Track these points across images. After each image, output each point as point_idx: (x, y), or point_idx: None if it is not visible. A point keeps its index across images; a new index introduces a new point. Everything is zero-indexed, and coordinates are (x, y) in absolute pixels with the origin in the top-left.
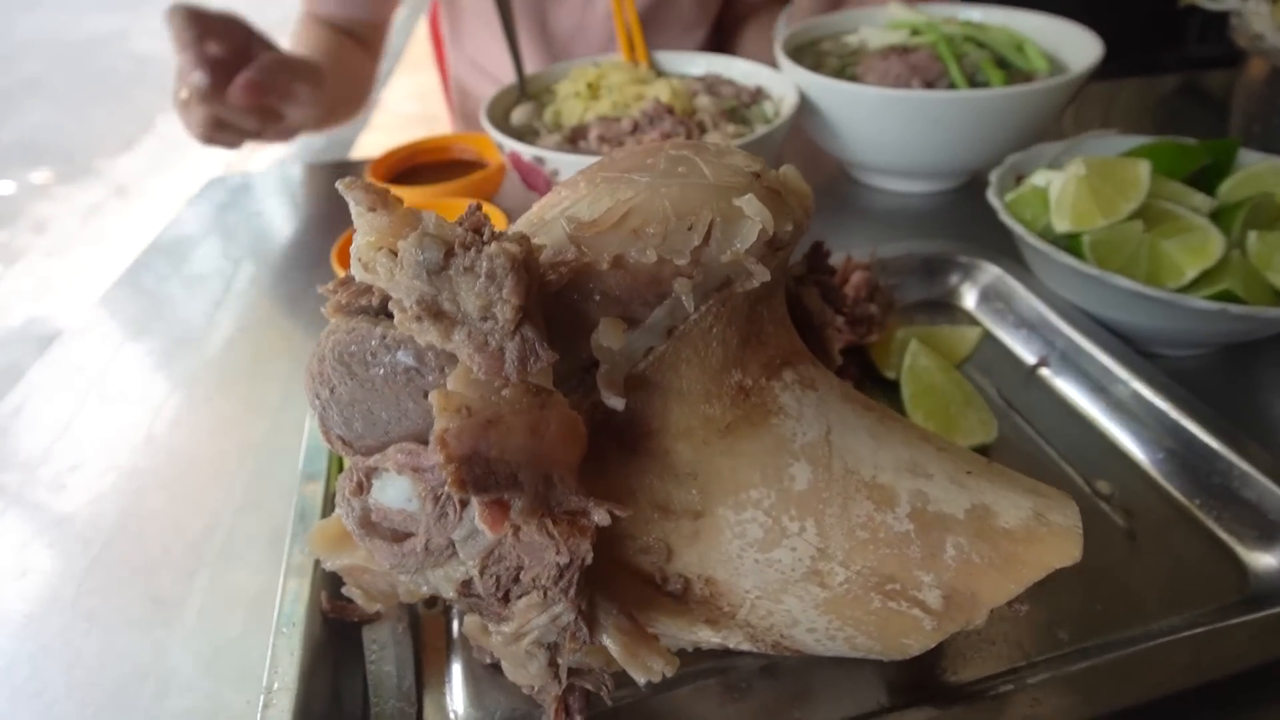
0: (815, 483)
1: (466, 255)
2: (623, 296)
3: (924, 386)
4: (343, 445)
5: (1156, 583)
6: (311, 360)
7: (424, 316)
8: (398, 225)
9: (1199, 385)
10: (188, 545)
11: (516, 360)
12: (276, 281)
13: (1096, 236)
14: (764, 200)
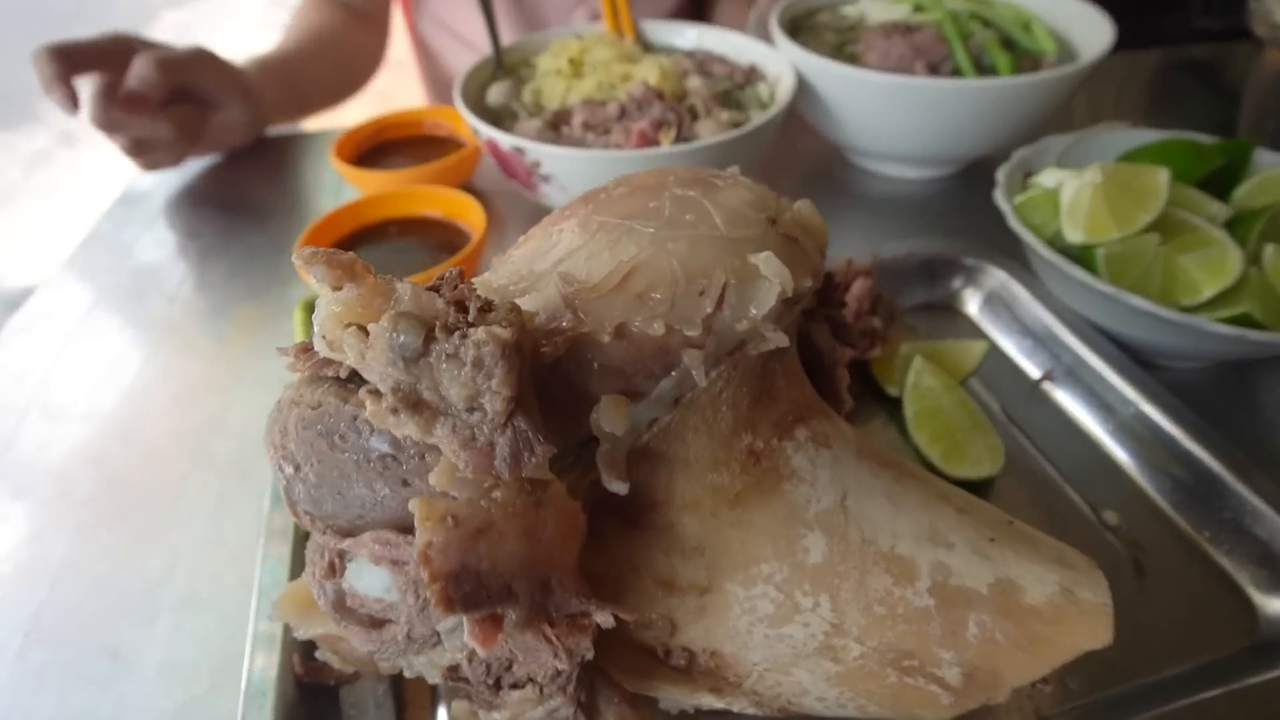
0: (831, 555)
1: (449, 340)
2: (625, 369)
3: (928, 407)
4: (311, 522)
5: (1166, 623)
6: (272, 427)
7: (401, 409)
8: (368, 298)
9: (1203, 399)
10: (145, 587)
11: (508, 456)
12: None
13: (1111, 250)
14: (781, 252)
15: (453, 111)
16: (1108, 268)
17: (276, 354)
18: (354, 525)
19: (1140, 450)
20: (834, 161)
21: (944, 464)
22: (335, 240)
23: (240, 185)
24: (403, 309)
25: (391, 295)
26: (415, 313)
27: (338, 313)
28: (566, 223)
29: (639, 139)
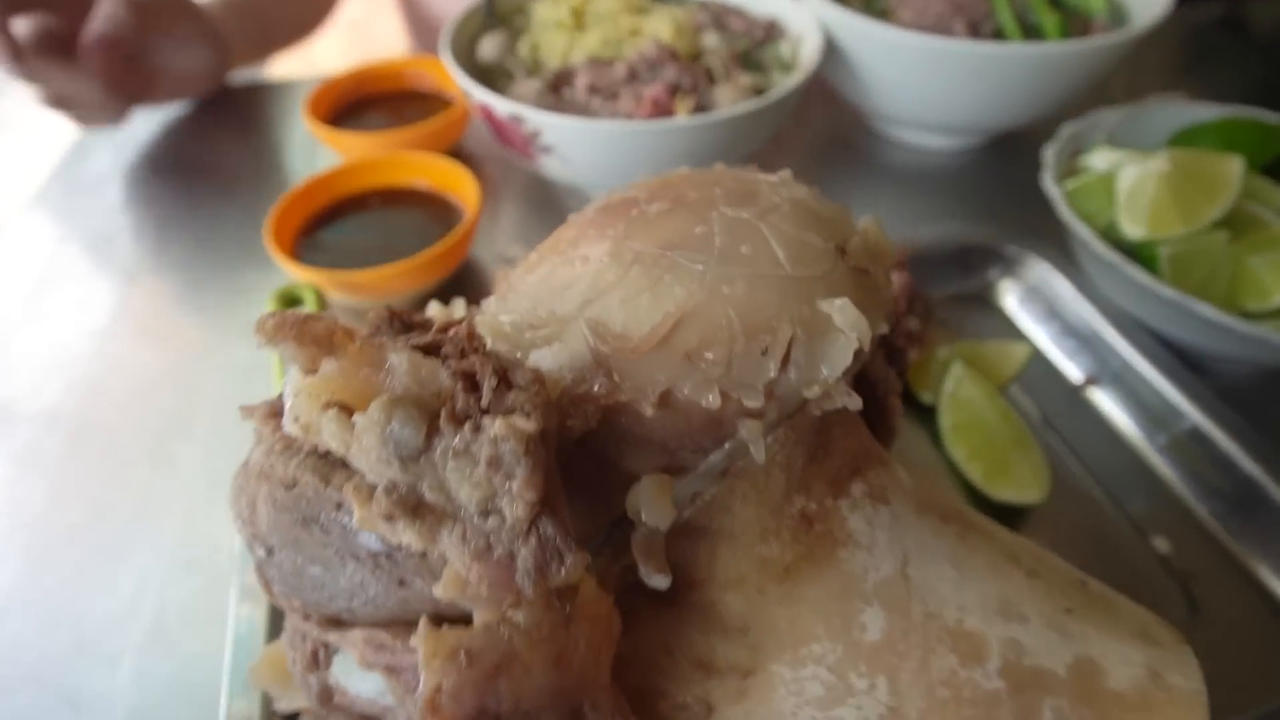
0: (890, 632)
1: (458, 435)
2: (668, 443)
3: (969, 419)
4: (288, 606)
5: (1222, 666)
6: (238, 496)
7: (397, 514)
8: (352, 370)
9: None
10: (106, 621)
11: (533, 569)
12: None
13: (1176, 249)
14: (854, 292)
15: (438, 63)
16: (1171, 269)
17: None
18: (339, 615)
19: (1193, 468)
20: (854, 127)
21: (985, 483)
22: (311, 215)
23: (202, 145)
24: (398, 393)
25: (382, 366)
26: (414, 397)
27: (314, 389)
28: (592, 247)
29: (652, 107)
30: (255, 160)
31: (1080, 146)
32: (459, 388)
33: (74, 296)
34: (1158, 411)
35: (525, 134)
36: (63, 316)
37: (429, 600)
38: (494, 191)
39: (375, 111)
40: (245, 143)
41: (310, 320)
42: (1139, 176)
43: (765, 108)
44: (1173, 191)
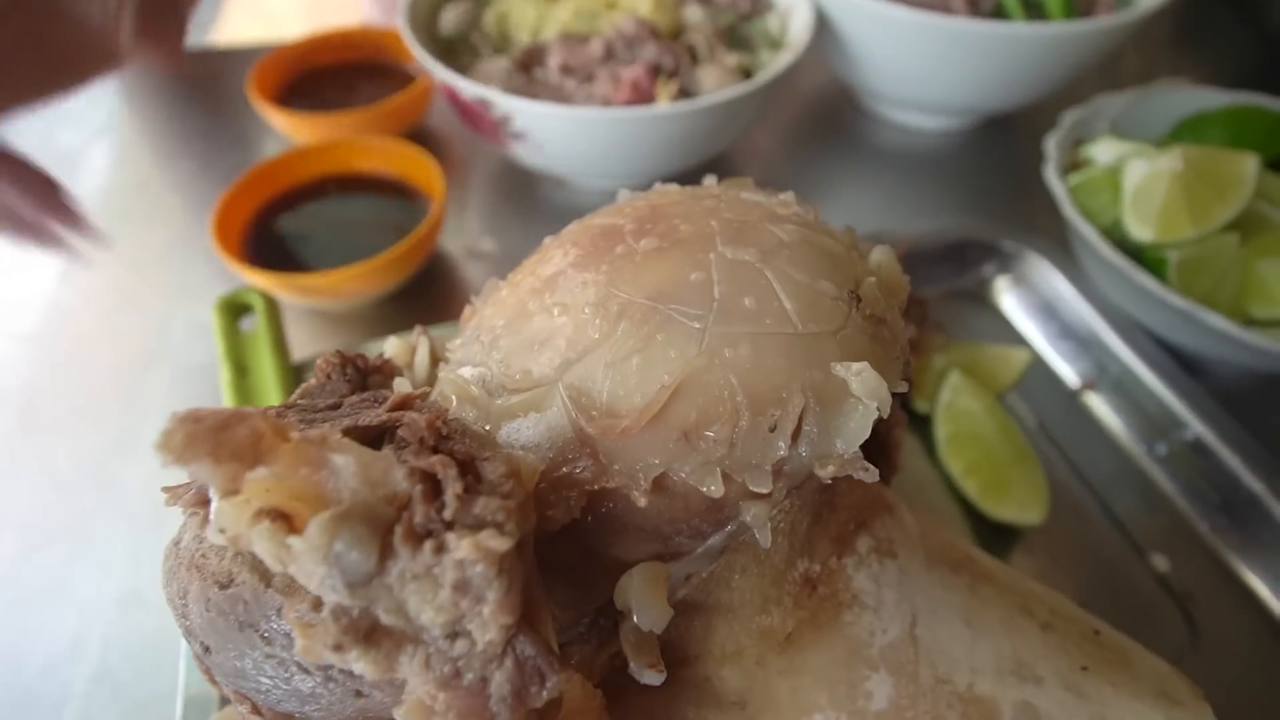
0: (898, 700)
1: (417, 557)
2: (663, 529)
3: (966, 431)
4: (235, 697)
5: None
6: (170, 580)
7: (347, 643)
8: (286, 475)
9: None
10: (46, 665)
11: (509, 695)
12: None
13: (1185, 254)
14: (869, 346)
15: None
16: (1180, 276)
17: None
18: (291, 714)
19: (1194, 482)
20: (843, 105)
21: (982, 500)
22: (261, 205)
23: (138, 120)
24: (344, 507)
25: (324, 466)
26: (362, 510)
27: (238, 501)
28: (572, 291)
29: (631, 91)
30: (199, 138)
31: (1082, 135)
32: (418, 493)
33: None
34: (1158, 420)
35: (494, 119)
36: None
37: (389, 709)
38: (461, 177)
39: (328, 87)
40: (187, 119)
41: (229, 426)
42: (1148, 174)
43: (752, 93)
44: (1185, 192)
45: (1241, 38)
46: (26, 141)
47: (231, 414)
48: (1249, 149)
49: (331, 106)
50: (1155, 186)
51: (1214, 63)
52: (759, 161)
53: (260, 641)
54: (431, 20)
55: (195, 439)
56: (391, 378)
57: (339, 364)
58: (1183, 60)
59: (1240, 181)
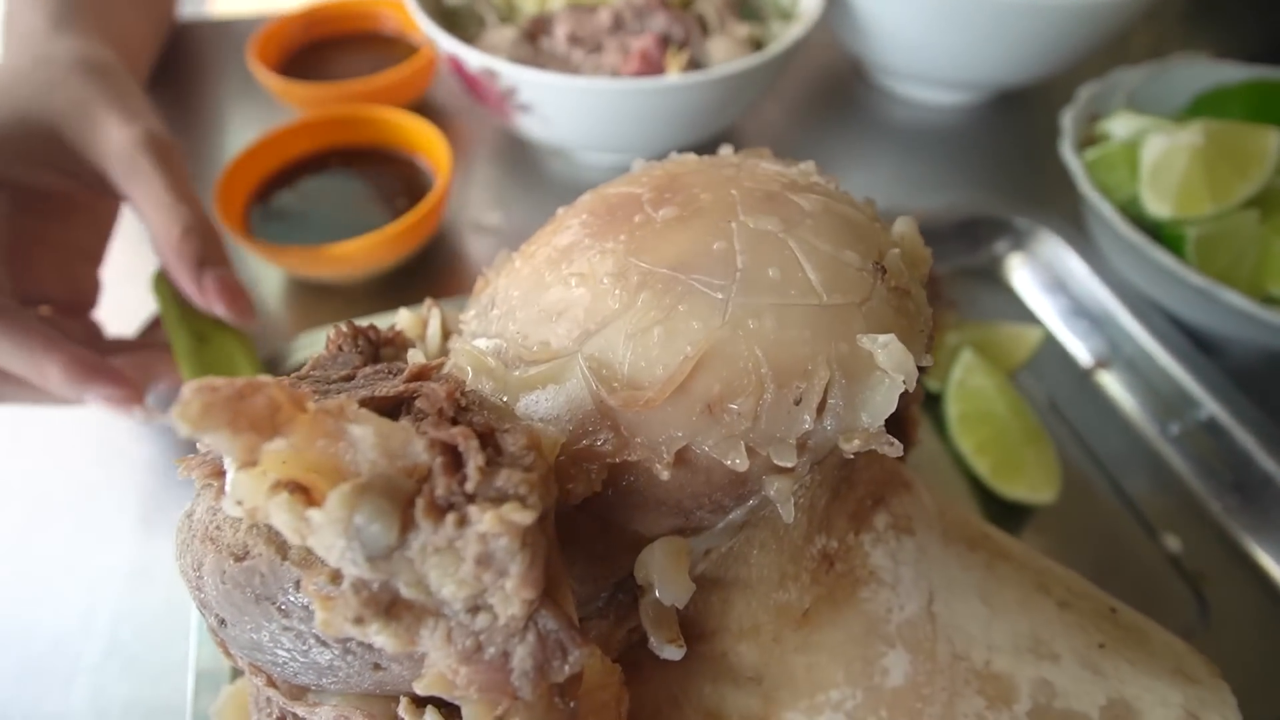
0: (915, 676)
1: (439, 530)
2: (684, 503)
3: (978, 411)
4: (251, 670)
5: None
6: (183, 553)
7: (367, 617)
8: (304, 446)
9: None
10: (55, 640)
11: (532, 669)
12: None
13: (1204, 230)
14: (895, 319)
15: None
16: (1198, 253)
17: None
18: (307, 686)
19: (1207, 462)
20: (853, 79)
21: (994, 478)
22: (264, 178)
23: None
24: (364, 479)
25: (341, 437)
26: (382, 483)
27: (257, 473)
28: (589, 260)
29: (640, 62)
30: (198, 112)
31: (1098, 110)
32: (438, 465)
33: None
34: (1171, 400)
35: (500, 90)
36: None
37: (408, 682)
38: (466, 150)
39: (331, 57)
40: (186, 91)
41: (246, 396)
42: (1167, 149)
43: (764, 65)
44: (1205, 167)
45: (1256, 11)
46: None
47: (247, 383)
48: (1270, 124)
49: (334, 77)
50: (1174, 161)
51: (1229, 37)
52: (768, 136)
53: (277, 614)
54: None
55: (212, 409)
56: (404, 350)
57: (350, 335)
58: (1198, 34)
59: (1262, 157)
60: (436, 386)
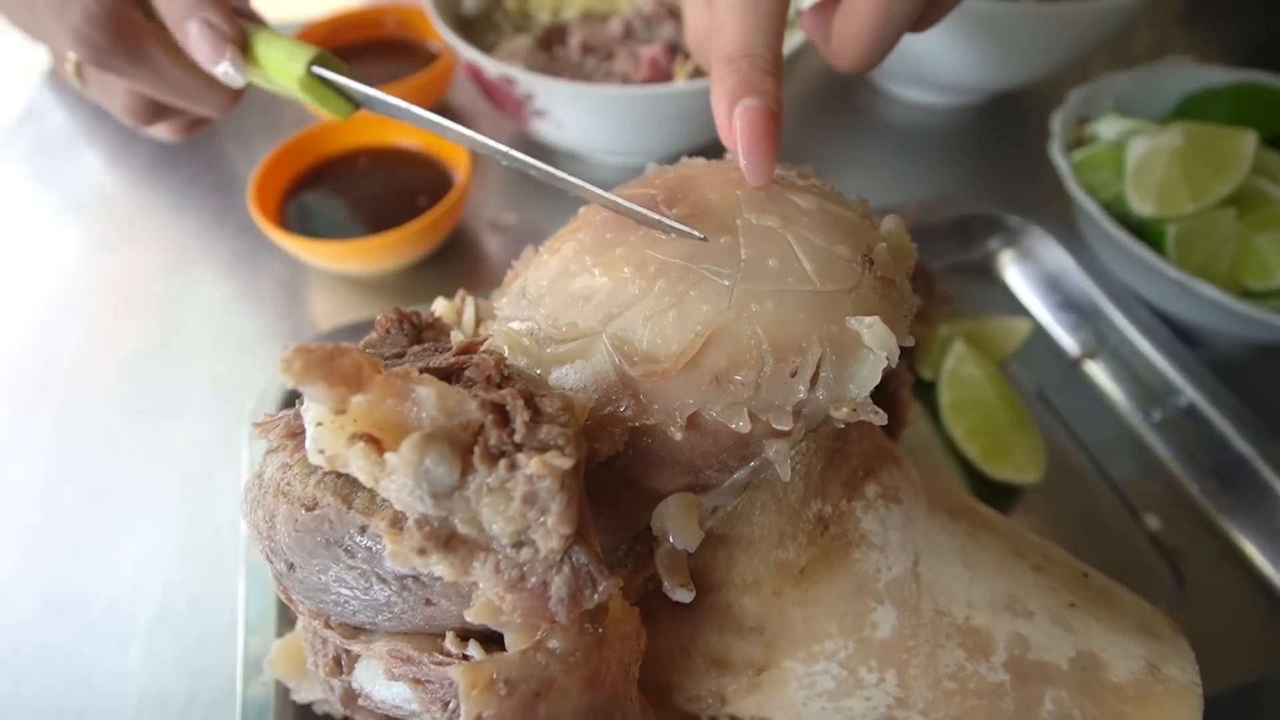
0: (901, 629)
1: (493, 473)
2: (695, 462)
3: (968, 397)
4: (310, 615)
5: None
6: (255, 509)
7: (430, 548)
8: (377, 404)
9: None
10: (111, 605)
11: (566, 598)
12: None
13: (1183, 227)
14: (880, 304)
15: (420, 11)
16: (1178, 248)
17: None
18: (363, 625)
19: (1187, 446)
20: (853, 82)
21: (983, 462)
22: (297, 174)
23: None
24: (430, 430)
25: (408, 398)
26: (446, 434)
27: (340, 422)
28: (611, 252)
29: (649, 69)
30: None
31: (1088, 112)
32: (489, 421)
33: (47, 267)
34: (1153, 387)
35: (517, 97)
36: (37, 289)
37: (456, 617)
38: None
39: (355, 63)
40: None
41: (338, 357)
42: (1150, 150)
43: None
44: (1184, 167)
45: (1251, 16)
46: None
47: (335, 347)
48: (1251, 126)
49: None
50: (1156, 162)
51: (1224, 40)
52: None
53: (344, 555)
54: (456, 1)
55: (311, 365)
56: (443, 333)
57: (397, 320)
58: (1193, 38)
59: (1238, 158)
60: (485, 356)
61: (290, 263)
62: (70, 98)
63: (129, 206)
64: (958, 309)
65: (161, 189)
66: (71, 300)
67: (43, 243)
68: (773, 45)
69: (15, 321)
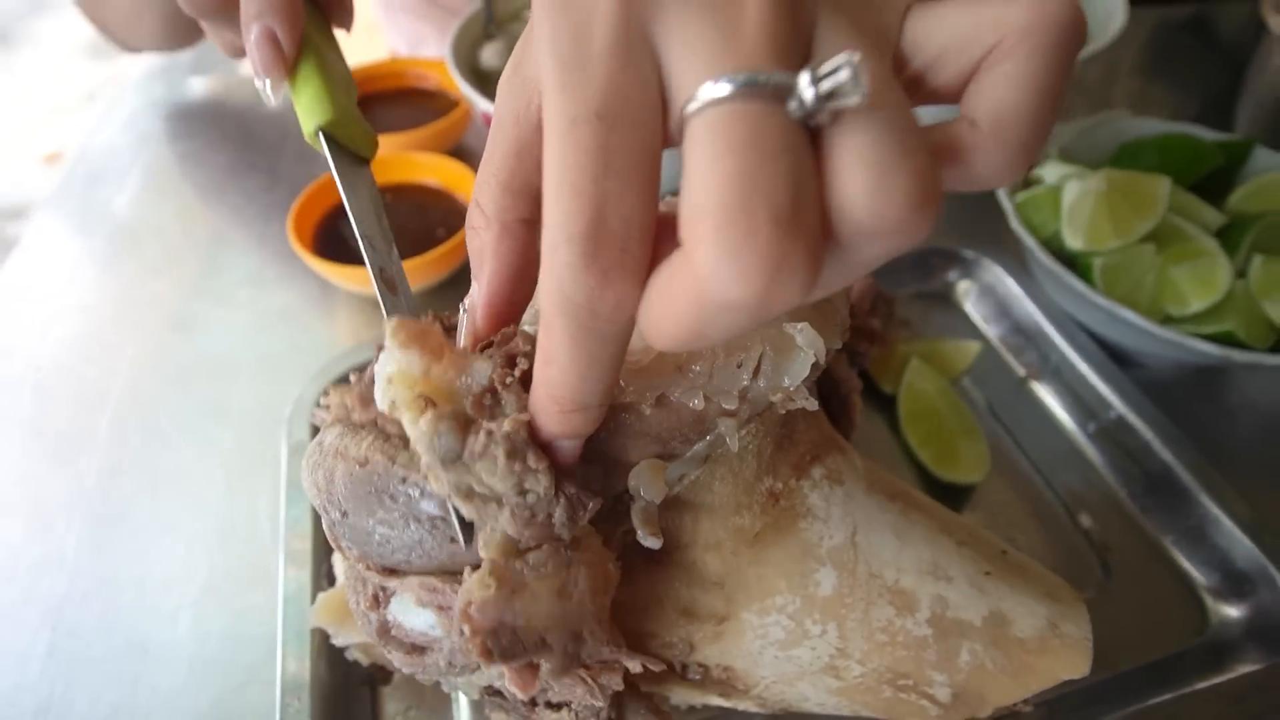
0: (840, 588)
1: (478, 439)
2: (662, 435)
3: (921, 409)
4: (355, 558)
5: (1127, 621)
6: (315, 470)
7: (460, 500)
8: (440, 373)
9: (1180, 398)
10: (163, 581)
11: (567, 520)
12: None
13: (1108, 260)
14: (813, 316)
15: (439, 64)
16: (1103, 278)
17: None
18: (398, 565)
19: (1117, 455)
20: None
21: (934, 466)
22: (330, 208)
23: (214, 139)
24: (443, 410)
25: (465, 370)
26: (452, 413)
27: (410, 380)
28: None
29: None
30: (266, 155)
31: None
32: (485, 392)
33: (104, 289)
34: (1089, 403)
35: None
36: (95, 307)
37: (475, 555)
38: None
39: (379, 110)
40: (265, 139)
41: (429, 331)
42: (1080, 193)
43: None
44: (1109, 208)
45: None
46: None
47: (424, 324)
48: (1175, 172)
49: (384, 128)
50: (1084, 203)
51: (1174, 86)
52: None
53: (388, 500)
54: (473, 56)
55: (415, 337)
56: None
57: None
58: (1146, 83)
59: (1155, 200)
60: (519, 339)
61: (321, 285)
62: (123, 134)
63: (176, 235)
64: (917, 332)
65: (206, 218)
66: (126, 317)
67: (99, 267)
68: (610, 391)
69: (77, 336)
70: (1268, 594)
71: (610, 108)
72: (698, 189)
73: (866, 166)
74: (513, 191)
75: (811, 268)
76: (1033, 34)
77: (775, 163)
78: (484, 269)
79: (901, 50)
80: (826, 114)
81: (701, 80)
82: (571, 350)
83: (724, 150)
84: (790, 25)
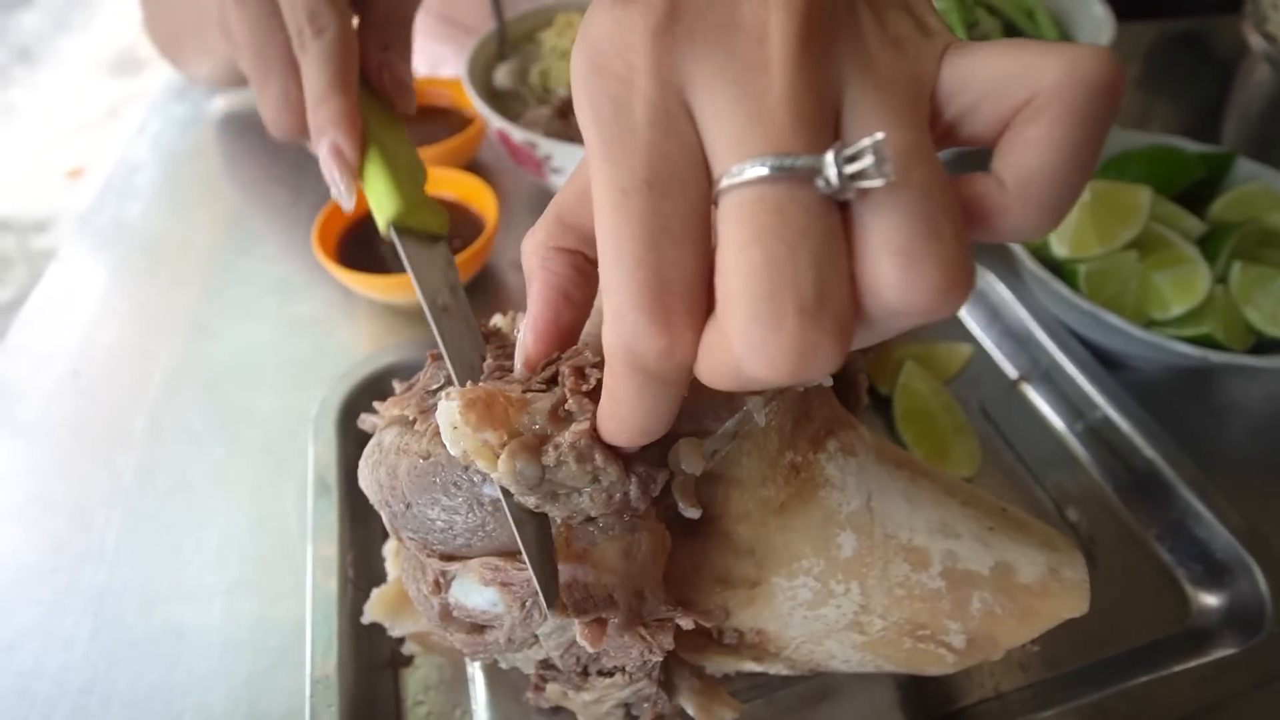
0: (859, 549)
1: (553, 454)
2: (697, 413)
3: (915, 408)
4: (417, 548)
5: (1111, 610)
6: (377, 468)
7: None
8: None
9: (1165, 399)
10: (198, 571)
11: (641, 494)
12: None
13: (1092, 267)
14: None
15: (455, 83)
16: (1088, 283)
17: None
18: (458, 550)
19: (1103, 453)
20: None
21: (927, 461)
22: (353, 219)
23: (240, 156)
24: (515, 452)
25: (525, 411)
26: (522, 445)
27: (474, 422)
28: None
29: None
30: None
31: None
32: (548, 419)
33: (137, 299)
34: (1076, 403)
35: (538, 157)
36: (129, 316)
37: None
38: (508, 202)
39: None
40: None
41: (494, 405)
42: None
43: None
44: (1093, 217)
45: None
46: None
47: (487, 394)
48: (1160, 183)
49: None
50: (1070, 213)
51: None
52: None
53: (452, 488)
54: (487, 76)
55: (484, 419)
56: (504, 341)
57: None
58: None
59: (1137, 209)
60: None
61: (344, 293)
62: (151, 150)
63: (205, 247)
64: (911, 335)
65: (233, 232)
66: (159, 325)
67: (133, 279)
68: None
69: (113, 343)
70: (1245, 583)
71: (659, 176)
72: (730, 273)
73: (894, 254)
74: (563, 224)
75: (839, 349)
76: (1063, 94)
77: (802, 248)
78: (531, 289)
79: (938, 96)
80: (853, 192)
81: (731, 159)
82: (639, 396)
83: (749, 238)
84: (816, 96)
